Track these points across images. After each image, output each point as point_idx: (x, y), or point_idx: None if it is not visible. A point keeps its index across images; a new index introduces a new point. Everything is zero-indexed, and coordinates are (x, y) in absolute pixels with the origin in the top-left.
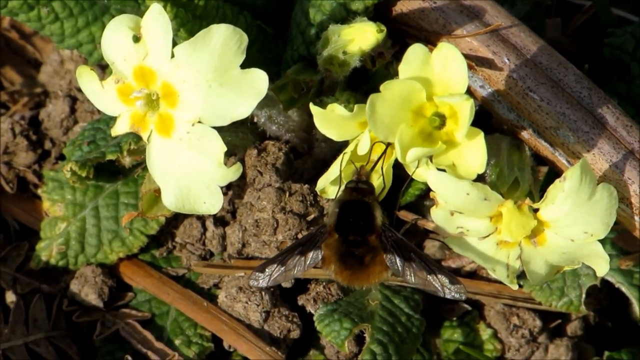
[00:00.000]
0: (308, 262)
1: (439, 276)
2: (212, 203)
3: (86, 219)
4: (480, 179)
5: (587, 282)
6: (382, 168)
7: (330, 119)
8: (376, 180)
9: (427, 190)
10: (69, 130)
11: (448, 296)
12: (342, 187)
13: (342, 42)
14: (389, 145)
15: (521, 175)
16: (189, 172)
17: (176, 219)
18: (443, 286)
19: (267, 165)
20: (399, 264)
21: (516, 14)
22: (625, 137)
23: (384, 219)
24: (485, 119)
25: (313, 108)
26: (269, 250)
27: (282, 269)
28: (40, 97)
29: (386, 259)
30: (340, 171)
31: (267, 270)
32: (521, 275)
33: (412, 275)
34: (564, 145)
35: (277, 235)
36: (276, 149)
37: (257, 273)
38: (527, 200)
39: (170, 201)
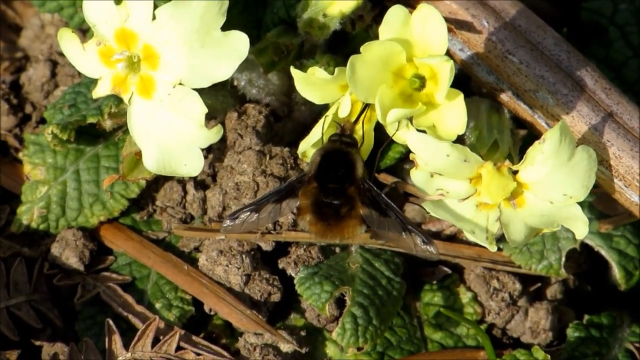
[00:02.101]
0: (283, 210)
1: (413, 235)
2: (193, 165)
3: (67, 182)
4: (459, 141)
5: (567, 246)
6: (362, 128)
7: (311, 82)
8: (358, 143)
9: (407, 153)
10: (49, 94)
11: (420, 254)
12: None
13: (322, 4)
14: (368, 105)
15: (500, 138)
16: (169, 134)
17: (157, 183)
18: (416, 245)
19: (248, 128)
20: (374, 218)
21: None
22: (604, 100)
23: (364, 173)
24: (464, 82)
25: (294, 71)
26: None
27: (256, 215)
28: (21, 62)
29: (363, 212)
30: (322, 134)
31: (240, 217)
32: (501, 239)
33: (387, 230)
34: (543, 107)
35: (258, 197)
36: (256, 112)
37: (229, 220)
38: (507, 162)
39: (151, 163)
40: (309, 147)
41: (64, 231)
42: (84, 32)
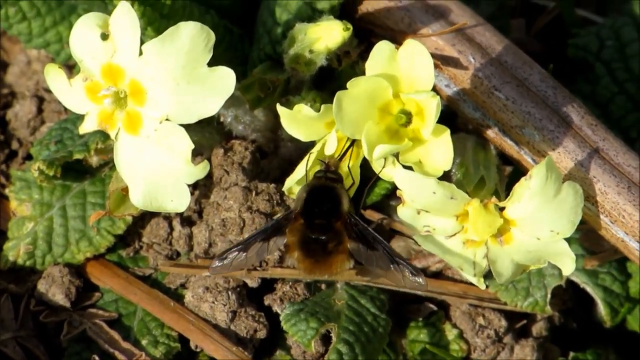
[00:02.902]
0: (271, 248)
1: (401, 267)
2: (180, 201)
3: (53, 218)
4: (446, 178)
5: (552, 283)
6: (349, 166)
7: (297, 120)
8: (344, 180)
9: (393, 190)
10: (36, 130)
11: (408, 286)
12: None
13: (308, 40)
14: (354, 141)
15: (487, 174)
16: (156, 170)
17: (143, 219)
18: (404, 277)
19: (234, 164)
20: (362, 252)
21: (481, 14)
22: (590, 136)
23: (350, 208)
24: (450, 118)
25: (280, 109)
26: None
27: (244, 255)
28: (7, 98)
29: (350, 246)
30: (307, 171)
31: (228, 257)
32: (487, 275)
33: (375, 264)
34: (529, 143)
35: (244, 234)
36: (242, 148)
37: (217, 260)
38: (493, 199)
39: (138, 199)
40: (293, 183)
41: (51, 267)
42: (71, 68)
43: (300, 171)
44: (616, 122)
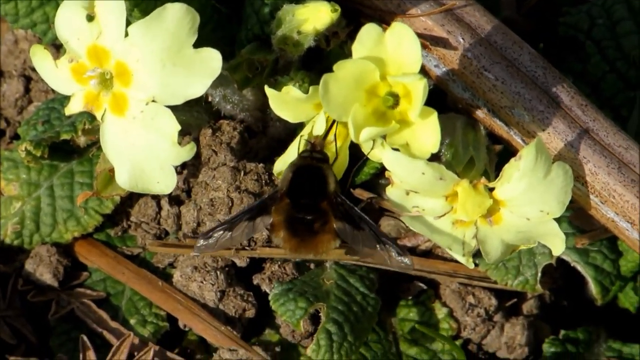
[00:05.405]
0: (257, 227)
1: (387, 247)
2: (166, 183)
3: (41, 198)
4: (435, 158)
5: (543, 261)
6: (335, 145)
7: (286, 101)
8: (332, 160)
9: (383, 168)
10: (23, 109)
11: (395, 267)
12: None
13: (296, 21)
14: (334, 122)
15: (476, 155)
16: (142, 151)
17: (131, 199)
18: (390, 257)
19: (222, 144)
20: (348, 232)
21: None
22: (580, 116)
23: (336, 188)
24: (440, 98)
25: (268, 90)
26: None
27: (229, 234)
28: None
29: (336, 226)
30: (298, 154)
31: (213, 236)
32: (477, 254)
33: (361, 244)
34: (519, 124)
35: (232, 214)
36: (231, 128)
37: (202, 239)
38: (483, 180)
39: (124, 180)
40: (284, 166)
41: (38, 247)
42: (58, 48)
43: (291, 154)
44: (607, 101)
